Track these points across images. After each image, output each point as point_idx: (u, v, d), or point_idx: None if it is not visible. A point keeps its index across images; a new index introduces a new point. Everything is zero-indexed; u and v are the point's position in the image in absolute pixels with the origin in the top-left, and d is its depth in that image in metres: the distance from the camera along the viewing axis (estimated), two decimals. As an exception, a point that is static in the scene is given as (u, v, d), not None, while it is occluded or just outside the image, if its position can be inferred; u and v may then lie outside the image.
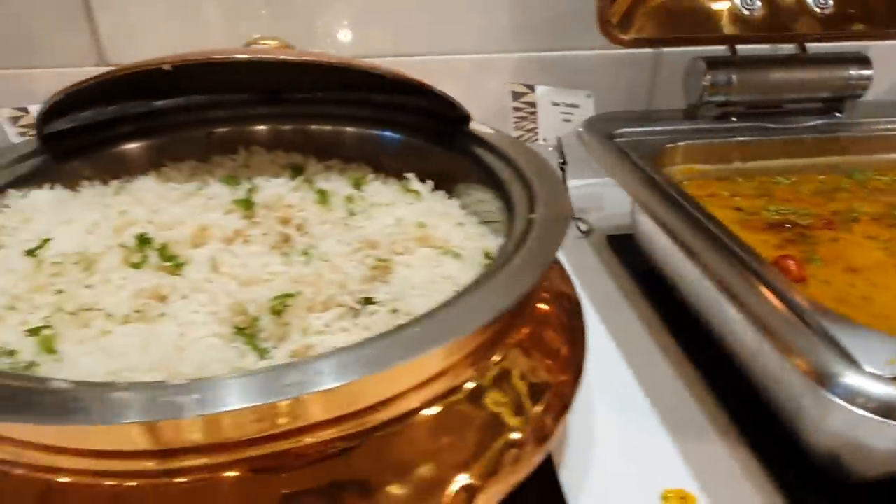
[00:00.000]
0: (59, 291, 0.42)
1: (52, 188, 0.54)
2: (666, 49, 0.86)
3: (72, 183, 0.55)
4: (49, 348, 0.38)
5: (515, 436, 0.39)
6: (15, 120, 0.74)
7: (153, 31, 0.81)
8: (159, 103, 0.64)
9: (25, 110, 0.75)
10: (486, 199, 0.56)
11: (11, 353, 0.37)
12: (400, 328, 0.35)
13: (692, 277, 0.57)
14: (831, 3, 0.73)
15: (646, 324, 0.64)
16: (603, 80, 0.87)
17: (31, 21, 0.79)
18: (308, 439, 0.34)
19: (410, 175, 0.56)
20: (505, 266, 0.39)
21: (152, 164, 0.59)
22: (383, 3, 0.83)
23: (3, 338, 0.39)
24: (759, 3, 0.72)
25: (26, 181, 0.54)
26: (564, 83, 0.82)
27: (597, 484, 0.47)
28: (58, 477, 0.32)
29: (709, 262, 0.48)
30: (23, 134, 0.74)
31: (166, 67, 0.46)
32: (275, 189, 0.51)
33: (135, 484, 0.32)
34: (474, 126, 0.59)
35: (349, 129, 0.62)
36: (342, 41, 0.84)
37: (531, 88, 0.81)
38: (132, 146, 0.60)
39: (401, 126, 0.62)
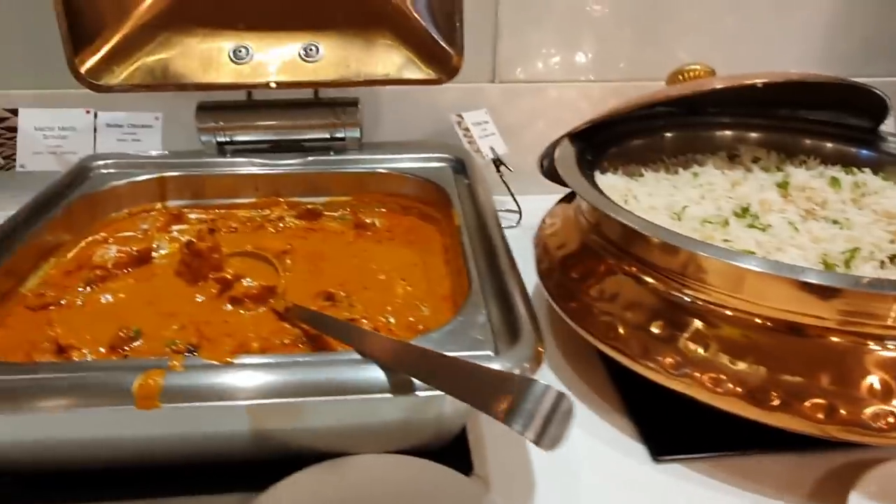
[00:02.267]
0: (726, 240, 0.59)
1: (614, 173, 0.71)
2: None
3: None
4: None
5: None
6: (458, 123, 0.92)
7: (538, 56, 0.99)
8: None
9: (461, 116, 0.93)
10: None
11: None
12: None
13: None
14: None
15: None
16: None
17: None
18: None
19: (867, 170, 0.74)
20: None
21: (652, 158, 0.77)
22: (719, 37, 1.01)
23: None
24: None
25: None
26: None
27: None
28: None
29: None
30: (464, 135, 0.92)
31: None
32: (800, 176, 0.69)
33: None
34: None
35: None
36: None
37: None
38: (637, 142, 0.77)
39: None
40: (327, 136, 0.84)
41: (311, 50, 0.82)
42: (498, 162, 0.94)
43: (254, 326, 0.56)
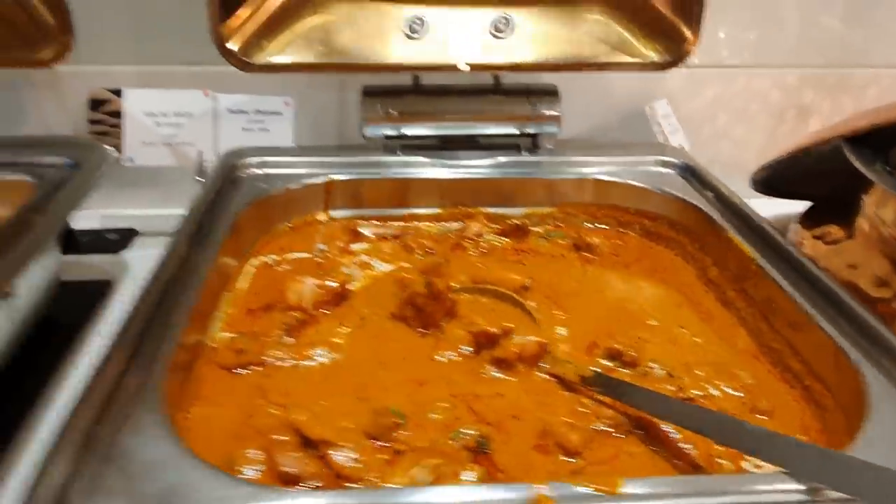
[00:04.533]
0: None
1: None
2: None
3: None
4: None
5: None
6: (652, 116, 0.77)
7: (727, 37, 0.83)
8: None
9: (652, 108, 0.78)
10: None
11: None
12: None
13: None
14: None
15: None
16: None
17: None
18: None
19: None
20: None
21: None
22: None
23: None
24: None
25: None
26: None
27: None
28: None
29: None
30: (658, 131, 0.77)
31: None
32: None
33: None
34: None
35: None
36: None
37: None
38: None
39: None
40: (515, 131, 0.68)
41: (501, 24, 0.66)
42: (688, 163, 0.79)
43: (540, 401, 0.42)
